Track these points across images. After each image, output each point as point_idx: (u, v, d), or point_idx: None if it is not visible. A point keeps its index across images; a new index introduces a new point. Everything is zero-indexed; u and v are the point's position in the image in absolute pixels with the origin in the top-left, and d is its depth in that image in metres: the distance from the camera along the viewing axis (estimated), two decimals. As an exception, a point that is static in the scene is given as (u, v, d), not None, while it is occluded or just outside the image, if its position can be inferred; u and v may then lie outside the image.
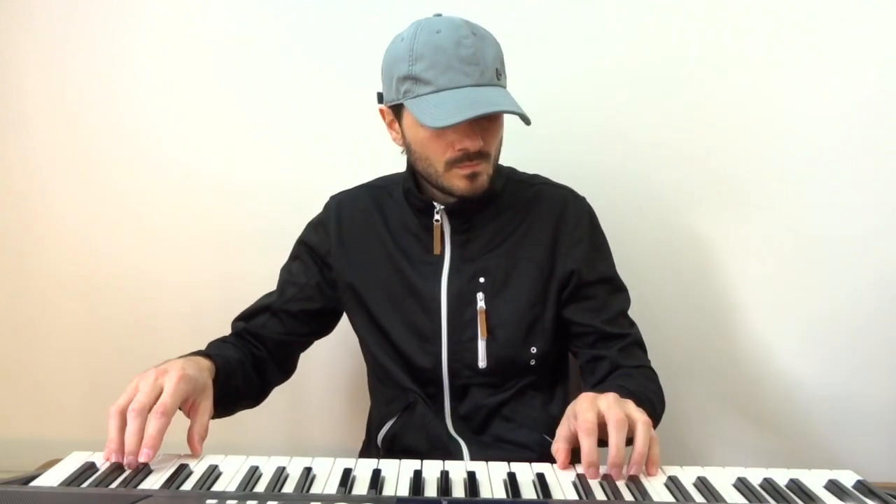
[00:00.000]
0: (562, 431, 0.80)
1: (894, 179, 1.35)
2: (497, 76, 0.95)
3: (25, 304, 1.49)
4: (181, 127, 1.42)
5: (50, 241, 1.46)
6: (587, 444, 0.74)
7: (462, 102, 0.90)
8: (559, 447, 0.79)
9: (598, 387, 0.98)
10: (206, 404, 0.85)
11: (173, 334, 1.46)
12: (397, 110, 0.98)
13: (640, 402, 0.82)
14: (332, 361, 1.40)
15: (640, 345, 1.06)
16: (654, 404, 0.95)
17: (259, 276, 1.16)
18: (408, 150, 1.01)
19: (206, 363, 0.91)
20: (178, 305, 1.46)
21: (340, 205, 1.11)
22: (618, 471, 0.75)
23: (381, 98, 1.02)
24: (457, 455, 1.00)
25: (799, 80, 1.34)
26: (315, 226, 1.12)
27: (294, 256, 1.13)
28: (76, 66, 1.41)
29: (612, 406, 0.76)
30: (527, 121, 0.94)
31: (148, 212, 1.44)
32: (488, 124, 0.95)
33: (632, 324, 1.07)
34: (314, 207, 1.15)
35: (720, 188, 1.38)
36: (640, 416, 0.77)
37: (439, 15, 0.98)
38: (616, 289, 1.07)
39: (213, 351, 0.98)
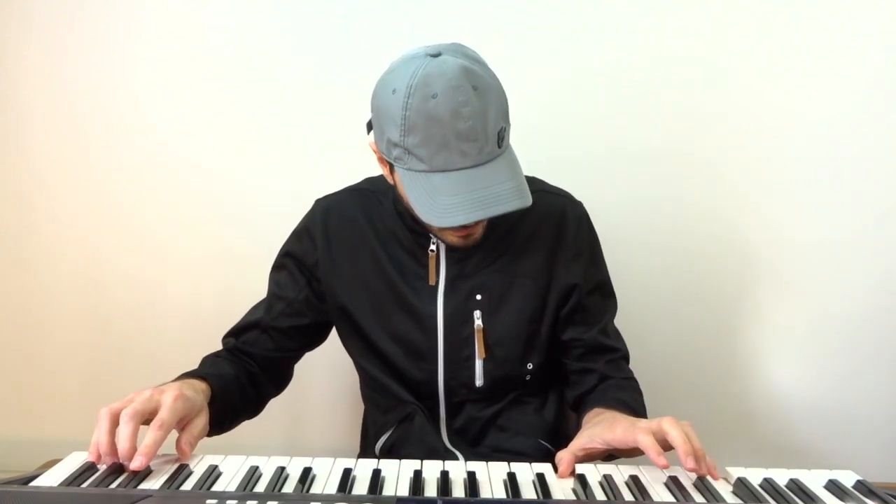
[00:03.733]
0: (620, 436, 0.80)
1: (892, 180, 1.35)
2: (499, 141, 0.85)
3: (26, 305, 1.49)
4: (181, 129, 1.42)
5: (50, 241, 1.46)
6: (677, 435, 0.76)
7: (461, 197, 0.82)
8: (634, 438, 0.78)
9: (591, 396, 0.99)
10: (199, 421, 0.84)
11: (173, 334, 1.46)
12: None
13: (638, 416, 0.83)
14: (332, 362, 1.39)
15: (626, 359, 1.05)
16: (644, 417, 0.95)
17: (258, 277, 1.15)
18: (401, 197, 0.94)
19: (201, 385, 0.89)
20: (178, 306, 1.46)
21: (327, 212, 1.05)
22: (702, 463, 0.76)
23: (370, 127, 0.94)
24: None
25: (795, 81, 1.34)
26: (300, 233, 1.07)
27: (280, 266, 1.08)
28: (76, 67, 1.41)
29: (666, 420, 0.78)
30: (526, 206, 0.85)
31: (148, 213, 1.44)
32: None
33: (618, 336, 1.06)
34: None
35: (716, 190, 1.38)
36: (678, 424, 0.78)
37: (437, 54, 0.84)
38: (607, 295, 1.06)
39: (208, 370, 0.96)
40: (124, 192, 1.44)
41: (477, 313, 0.99)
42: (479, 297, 1.00)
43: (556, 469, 0.79)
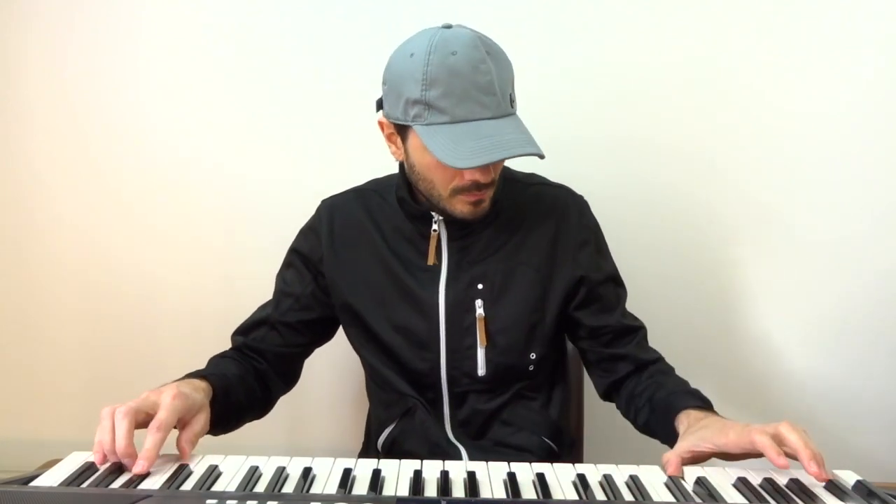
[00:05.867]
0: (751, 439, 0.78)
1: (892, 180, 1.35)
2: (511, 102, 0.92)
3: (25, 304, 1.49)
4: (182, 127, 1.42)
5: (51, 241, 1.46)
6: (796, 439, 0.76)
7: (482, 141, 0.86)
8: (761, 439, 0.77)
9: (656, 394, 0.97)
10: (200, 420, 0.84)
11: (174, 334, 1.46)
12: (402, 128, 0.94)
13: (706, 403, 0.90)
14: (333, 361, 1.40)
15: (646, 333, 1.07)
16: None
17: (259, 276, 1.16)
18: (409, 168, 0.98)
19: (201, 384, 0.89)
20: (179, 305, 1.46)
21: (332, 209, 1.08)
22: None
23: (380, 106, 0.97)
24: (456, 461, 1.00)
25: (796, 81, 1.34)
26: (306, 232, 1.10)
27: (287, 264, 1.11)
28: (77, 67, 1.41)
29: (783, 425, 0.78)
30: (542, 157, 0.89)
31: (148, 212, 1.44)
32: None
33: (634, 315, 1.08)
34: (314, 209, 1.14)
35: (721, 188, 1.38)
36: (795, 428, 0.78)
37: (449, 26, 0.92)
38: (619, 284, 1.09)
39: (211, 370, 0.97)
40: (124, 192, 1.44)
41: (478, 302, 1.01)
42: (480, 286, 1.01)
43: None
